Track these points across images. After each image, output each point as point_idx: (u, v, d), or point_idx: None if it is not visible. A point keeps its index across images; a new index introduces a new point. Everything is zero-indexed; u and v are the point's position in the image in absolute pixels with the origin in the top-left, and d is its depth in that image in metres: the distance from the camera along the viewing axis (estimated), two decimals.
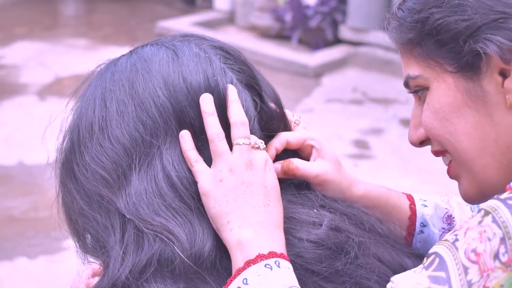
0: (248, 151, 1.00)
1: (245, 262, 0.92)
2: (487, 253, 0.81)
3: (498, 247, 0.81)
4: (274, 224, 0.96)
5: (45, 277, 3.43)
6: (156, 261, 0.95)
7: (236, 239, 0.94)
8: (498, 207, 0.84)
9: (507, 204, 0.84)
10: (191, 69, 1.02)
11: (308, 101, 5.62)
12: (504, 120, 0.95)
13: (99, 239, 1.00)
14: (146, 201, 0.97)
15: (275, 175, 1.01)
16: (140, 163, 0.99)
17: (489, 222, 0.83)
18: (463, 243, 0.84)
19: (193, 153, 0.99)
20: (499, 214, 0.83)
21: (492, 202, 0.86)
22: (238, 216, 0.95)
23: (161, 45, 1.07)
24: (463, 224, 0.87)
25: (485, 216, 0.85)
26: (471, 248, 0.83)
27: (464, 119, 0.97)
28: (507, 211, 0.83)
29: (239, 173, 0.98)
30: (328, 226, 1.01)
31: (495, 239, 0.82)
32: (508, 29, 0.92)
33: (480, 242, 0.82)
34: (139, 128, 1.00)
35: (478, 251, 0.82)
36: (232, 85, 1.03)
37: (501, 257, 0.81)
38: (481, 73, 0.95)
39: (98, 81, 1.06)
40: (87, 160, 1.01)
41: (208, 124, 1.00)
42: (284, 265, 0.92)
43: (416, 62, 1.02)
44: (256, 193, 0.97)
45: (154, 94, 1.01)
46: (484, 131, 0.96)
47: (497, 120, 0.95)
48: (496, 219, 0.83)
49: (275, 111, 1.09)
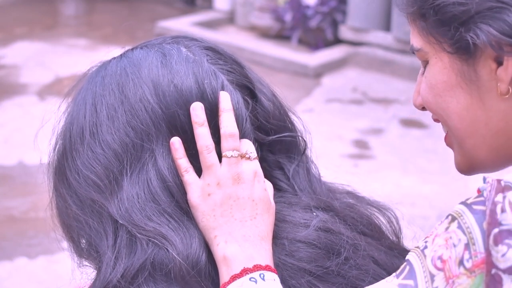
0: (236, 163, 1.00)
1: (231, 276, 0.94)
2: (452, 259, 0.82)
3: (462, 253, 0.81)
4: (260, 237, 0.97)
5: (45, 277, 3.43)
6: (150, 265, 0.95)
7: (222, 255, 0.95)
8: (464, 213, 0.84)
9: (472, 210, 0.84)
10: (181, 73, 1.02)
11: (308, 101, 5.62)
12: (495, 106, 0.94)
13: (92, 244, 1.00)
14: (138, 206, 0.97)
15: (264, 186, 1.02)
16: (131, 168, 0.99)
17: (454, 228, 0.84)
18: (431, 251, 0.85)
19: (183, 161, 0.99)
20: (464, 220, 0.84)
21: (459, 207, 0.86)
22: (224, 231, 0.97)
23: (150, 48, 1.06)
24: (433, 230, 0.88)
25: (451, 222, 0.85)
26: (437, 256, 0.83)
27: (457, 100, 0.97)
28: (471, 217, 0.83)
29: (226, 188, 0.98)
30: (318, 227, 1.02)
31: (460, 245, 0.82)
32: (502, 20, 0.89)
33: (446, 249, 0.83)
34: (130, 133, 1.00)
35: (443, 258, 0.82)
36: (225, 92, 1.02)
37: (465, 263, 0.81)
38: (476, 57, 0.93)
39: (89, 85, 1.06)
40: (78, 165, 1.01)
41: (197, 135, 1.00)
42: (269, 277, 0.93)
43: (419, 34, 1.00)
44: (242, 207, 0.98)
45: (144, 99, 1.00)
46: (475, 114, 0.95)
47: (488, 105, 0.94)
48: (461, 225, 0.83)
49: (271, 110, 1.08)
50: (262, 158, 1.08)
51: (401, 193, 4.10)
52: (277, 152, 1.10)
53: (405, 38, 6.21)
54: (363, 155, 4.73)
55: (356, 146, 4.85)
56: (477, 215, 0.84)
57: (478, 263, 0.81)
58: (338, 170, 1.24)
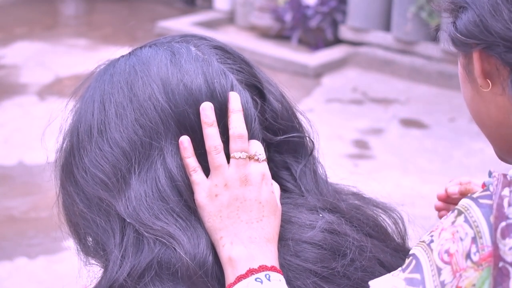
0: (244, 165, 1.00)
1: (236, 277, 0.94)
2: (459, 253, 0.82)
3: (469, 247, 0.82)
4: (266, 239, 0.97)
5: (45, 277, 3.43)
6: (156, 264, 0.94)
7: (228, 256, 0.96)
8: (470, 207, 0.85)
9: (479, 203, 0.85)
10: (190, 72, 1.01)
11: (308, 101, 5.62)
12: (491, 99, 0.96)
13: (99, 242, 1.00)
14: (146, 205, 0.97)
15: (271, 189, 1.01)
16: (140, 167, 0.99)
17: (461, 222, 0.84)
18: (437, 245, 0.85)
19: (192, 160, 0.99)
20: (470, 214, 0.84)
21: (465, 201, 0.87)
22: (230, 232, 0.97)
23: (160, 46, 1.06)
24: (439, 224, 0.89)
25: (458, 216, 0.86)
26: (444, 249, 0.84)
27: (467, 91, 1.01)
28: (478, 211, 0.84)
29: (233, 189, 0.98)
30: (324, 228, 1.01)
31: (467, 239, 0.83)
32: (461, 20, 0.94)
33: (452, 243, 0.83)
34: (138, 131, 0.99)
35: (451, 252, 0.83)
36: (235, 93, 1.02)
37: (472, 256, 0.82)
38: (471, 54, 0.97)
39: (97, 83, 1.05)
40: (86, 163, 1.01)
41: (206, 136, 0.99)
42: (275, 278, 0.94)
43: None
44: (249, 209, 0.98)
45: (153, 98, 1.00)
46: (478, 105, 0.99)
47: (485, 97, 0.97)
48: (468, 219, 0.84)
49: (280, 110, 1.08)
50: (269, 158, 1.07)
51: (401, 193, 4.10)
52: (284, 152, 1.09)
53: (405, 38, 6.22)
54: (363, 155, 4.73)
55: (356, 146, 4.85)
56: (483, 209, 0.84)
57: (485, 256, 0.81)
58: (339, 169, 1.23)
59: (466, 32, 0.93)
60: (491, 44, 0.91)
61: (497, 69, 0.93)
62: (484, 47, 0.92)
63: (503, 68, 0.92)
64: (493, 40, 0.90)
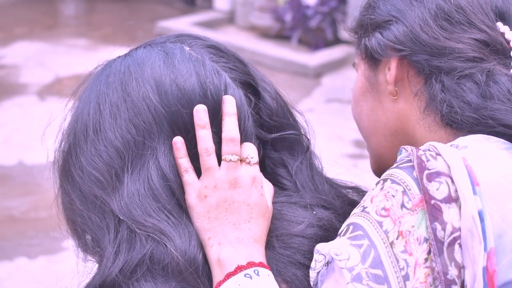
0: (235, 168, 1.01)
1: (225, 274, 0.96)
2: (395, 206, 0.90)
3: (402, 199, 0.90)
4: (253, 239, 0.99)
5: (45, 277, 3.43)
6: (148, 260, 0.96)
7: (216, 257, 0.98)
8: (393, 172, 0.93)
9: (400, 167, 0.93)
10: (183, 72, 1.03)
11: (308, 101, 5.62)
12: (390, 107, 1.08)
13: (95, 239, 1.02)
14: (138, 202, 0.99)
15: (261, 191, 1.03)
16: (132, 165, 1.00)
17: (389, 184, 0.92)
18: (372, 207, 0.92)
19: (184, 161, 1.01)
20: (395, 176, 0.92)
21: (386, 172, 0.95)
22: (218, 233, 0.99)
23: (154, 47, 1.07)
24: (366, 197, 0.95)
25: (384, 182, 0.93)
26: (380, 207, 0.91)
27: (366, 103, 1.12)
28: (401, 171, 0.92)
29: (222, 191, 1.01)
30: (316, 224, 1.04)
31: (398, 194, 0.91)
32: (389, 29, 1.06)
33: (386, 201, 0.91)
34: (132, 130, 1.01)
35: (386, 207, 0.90)
36: (230, 96, 1.03)
37: (406, 205, 0.90)
38: (378, 65, 1.08)
39: (94, 84, 1.07)
40: (82, 162, 1.03)
41: (199, 137, 1.01)
42: (264, 273, 0.96)
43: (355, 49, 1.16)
44: (237, 211, 1.00)
45: (147, 98, 1.01)
46: (377, 114, 1.10)
47: (386, 107, 1.09)
48: (395, 179, 0.92)
49: (274, 108, 1.09)
50: (266, 155, 1.09)
51: None
52: (280, 149, 1.11)
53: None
54: (363, 155, 4.73)
55: (356, 146, 4.86)
56: (406, 169, 0.92)
57: (417, 202, 0.90)
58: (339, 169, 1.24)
59: (395, 39, 1.04)
60: (416, 52, 1.03)
61: (407, 78, 1.05)
62: (406, 54, 1.03)
63: (417, 77, 1.04)
64: (419, 48, 1.03)
